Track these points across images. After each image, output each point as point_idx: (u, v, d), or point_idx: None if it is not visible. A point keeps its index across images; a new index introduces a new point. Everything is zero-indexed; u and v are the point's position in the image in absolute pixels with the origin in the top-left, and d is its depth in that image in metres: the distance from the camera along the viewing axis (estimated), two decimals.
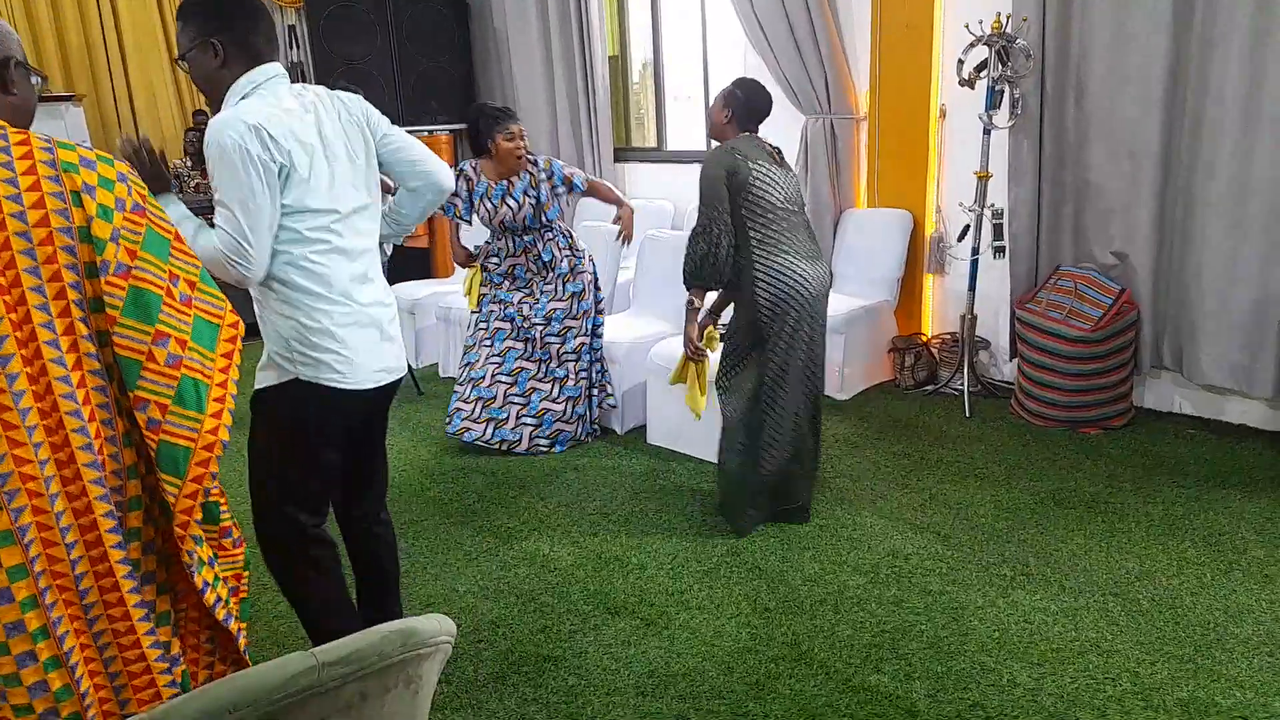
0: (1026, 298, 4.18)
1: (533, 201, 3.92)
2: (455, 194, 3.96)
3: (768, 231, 3.00)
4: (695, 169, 5.76)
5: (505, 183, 3.93)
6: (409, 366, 5.21)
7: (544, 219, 3.97)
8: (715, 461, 3.75)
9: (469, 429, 4.03)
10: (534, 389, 4.05)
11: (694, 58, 5.76)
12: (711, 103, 3.23)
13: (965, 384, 4.32)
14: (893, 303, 4.68)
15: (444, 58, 6.58)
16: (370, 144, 2.15)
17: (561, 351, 4.05)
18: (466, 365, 4.14)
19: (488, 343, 4.09)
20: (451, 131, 6.59)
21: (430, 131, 6.48)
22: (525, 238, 4.01)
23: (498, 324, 4.08)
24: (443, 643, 1.36)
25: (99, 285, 1.45)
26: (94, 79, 8.74)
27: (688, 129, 6.04)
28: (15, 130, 1.47)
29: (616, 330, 4.30)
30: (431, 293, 5.49)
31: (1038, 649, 2.47)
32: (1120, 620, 2.58)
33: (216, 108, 2.00)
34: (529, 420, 4.01)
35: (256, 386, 2.12)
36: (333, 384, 2.06)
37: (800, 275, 3.00)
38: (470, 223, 4.08)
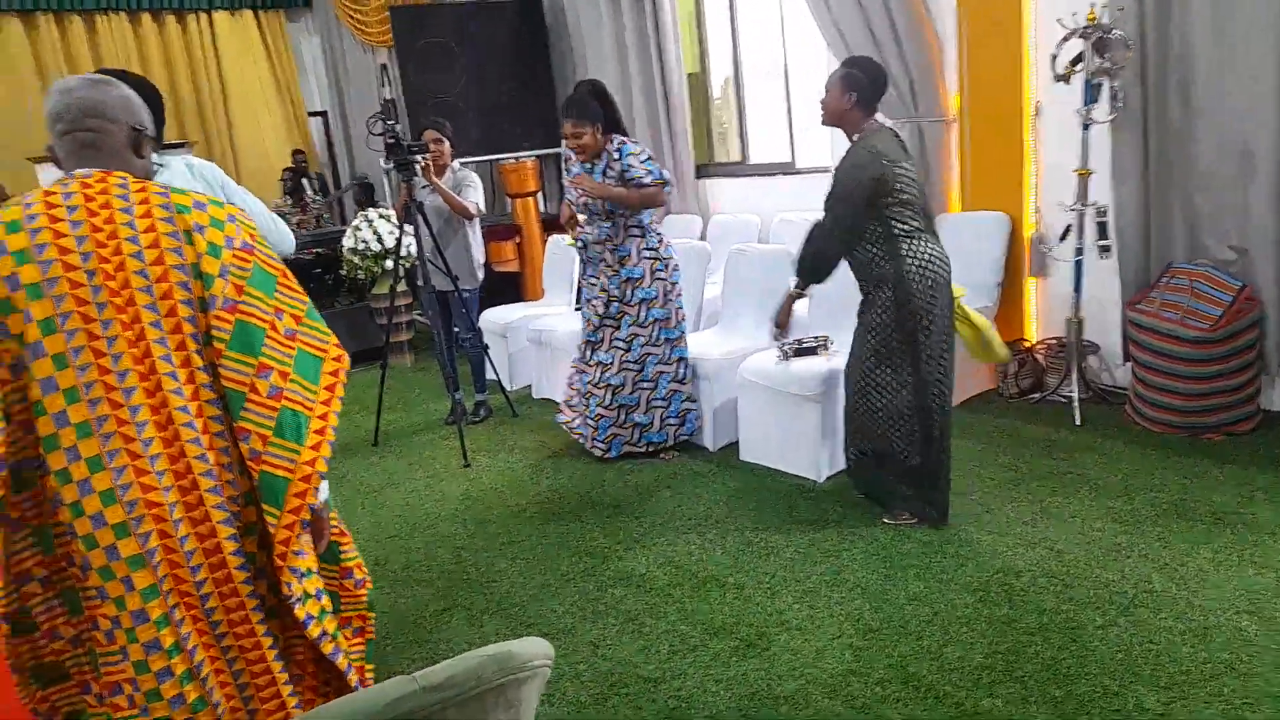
0: (1138, 298, 3.97)
1: (612, 183, 3.86)
2: (565, 173, 4.15)
3: (912, 224, 3.03)
4: (779, 181, 5.75)
5: (589, 164, 3.91)
6: (503, 389, 5.29)
7: (622, 209, 3.88)
8: (812, 478, 3.70)
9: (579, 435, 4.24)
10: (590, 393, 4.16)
11: (774, 70, 5.72)
12: (825, 90, 3.08)
13: (1075, 390, 4.12)
14: (993, 308, 4.51)
15: (526, 86, 6.72)
16: None
17: (614, 337, 4.01)
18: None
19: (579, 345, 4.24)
20: (537, 157, 6.70)
21: (516, 158, 6.61)
22: (605, 224, 3.93)
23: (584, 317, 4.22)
24: (540, 666, 1.35)
25: (209, 319, 1.54)
26: (203, 125, 9.26)
27: (770, 142, 5.99)
28: (135, 180, 1.58)
29: (705, 345, 4.27)
30: (523, 316, 5.57)
31: (1165, 672, 2.32)
32: (1257, 640, 2.40)
33: None
34: (589, 423, 4.14)
35: None
36: None
37: (942, 259, 3.06)
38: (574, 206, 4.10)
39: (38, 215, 1.51)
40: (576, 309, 4.38)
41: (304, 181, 8.29)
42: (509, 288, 6.54)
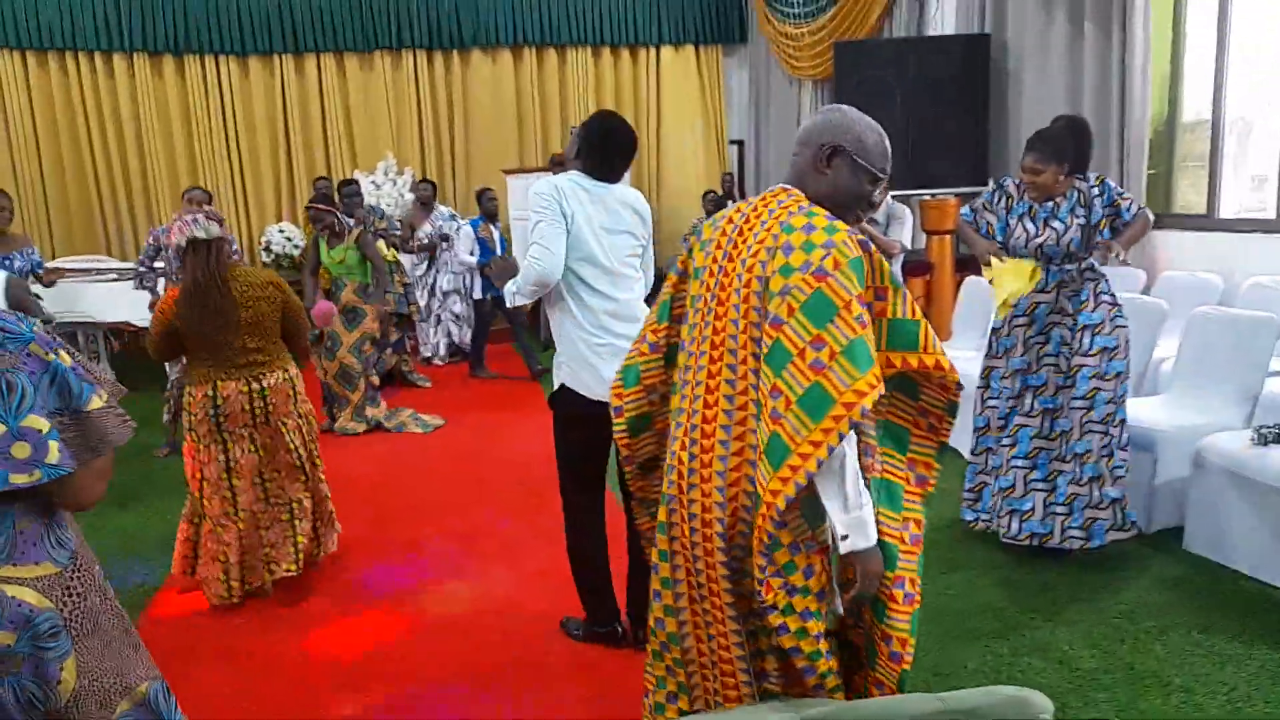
0: None
1: (1080, 223, 3.40)
2: (990, 210, 3.62)
3: None
4: (1253, 240, 4.98)
5: (1051, 202, 3.46)
6: None
7: (1088, 247, 3.43)
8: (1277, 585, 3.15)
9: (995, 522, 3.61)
10: (1057, 470, 3.50)
11: (1261, 117, 4.97)
12: None
13: None
14: None
15: (959, 123, 6.53)
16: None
17: (1086, 420, 3.42)
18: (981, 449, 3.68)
19: (999, 418, 3.60)
20: (958, 195, 6.48)
21: (934, 195, 6.45)
22: (1065, 268, 3.45)
23: (1004, 384, 3.58)
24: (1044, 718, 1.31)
25: (764, 329, 1.67)
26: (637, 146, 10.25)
27: (1243, 195, 5.21)
28: (798, 198, 1.80)
29: (1153, 413, 3.82)
30: None
31: None
32: None
33: None
34: (1059, 509, 3.47)
35: None
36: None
37: None
38: (1005, 247, 3.56)
39: (726, 216, 1.86)
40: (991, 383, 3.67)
41: (728, 204, 8.84)
42: None
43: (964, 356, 5.19)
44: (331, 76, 9.23)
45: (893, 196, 4.96)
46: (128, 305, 6.46)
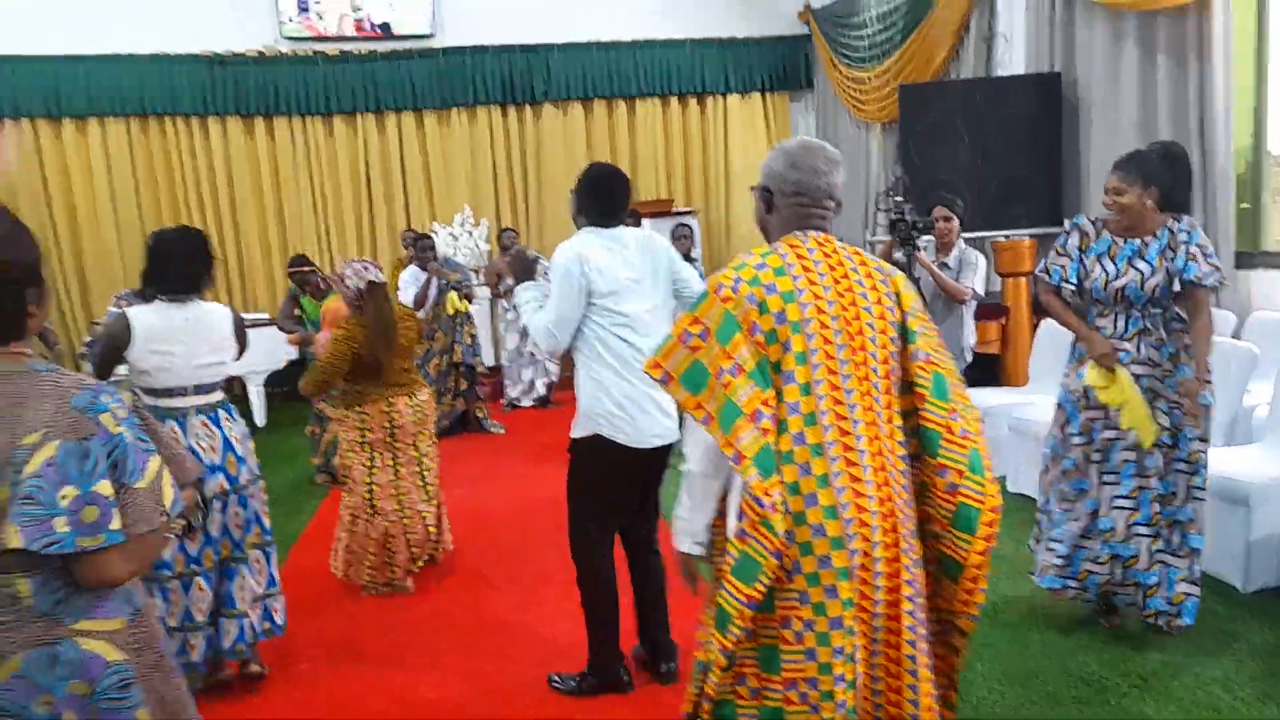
0: None
1: (1169, 267, 3.05)
2: (1063, 253, 3.23)
3: None
4: None
5: (1138, 241, 3.10)
6: None
7: (1172, 292, 3.08)
8: None
9: (1116, 591, 3.21)
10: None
11: None
12: None
13: None
14: None
15: (1031, 164, 6.41)
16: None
17: (1191, 485, 3.10)
18: (1070, 495, 3.23)
19: (1110, 474, 3.15)
20: (1033, 236, 6.33)
21: (1007, 236, 6.32)
22: (1150, 313, 3.10)
23: (1112, 436, 3.11)
24: None
25: (912, 369, 1.82)
26: (705, 194, 10.35)
27: None
28: (844, 245, 1.90)
29: (1247, 465, 3.63)
30: (1003, 402, 5.27)
31: None
32: None
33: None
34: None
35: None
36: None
37: None
38: (1070, 288, 3.21)
39: (793, 264, 1.80)
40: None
41: None
42: (987, 371, 6.23)
43: (1043, 403, 5.03)
44: (411, 133, 9.59)
45: (965, 240, 4.88)
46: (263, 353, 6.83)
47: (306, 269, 6.06)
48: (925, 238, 4.74)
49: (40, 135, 8.78)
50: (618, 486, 2.92)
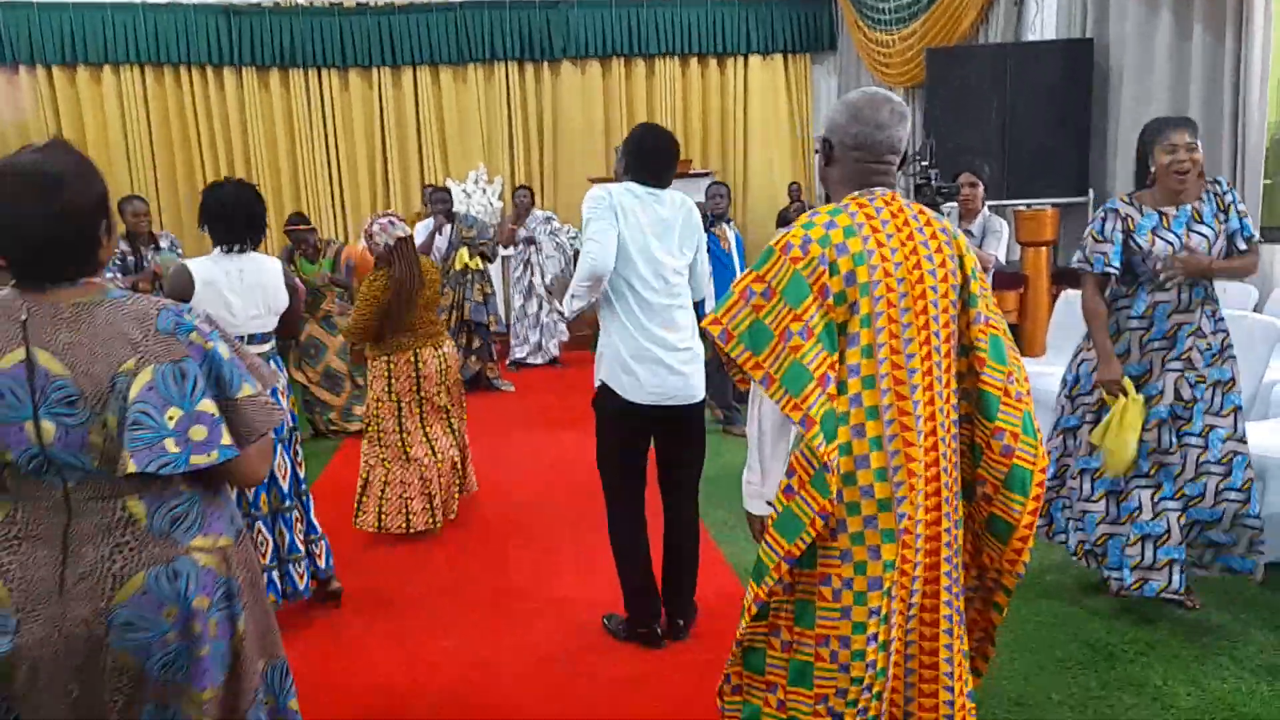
0: None
1: (1225, 228, 2.97)
2: (1102, 239, 3.05)
3: None
4: None
5: (1188, 207, 2.98)
6: None
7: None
8: None
9: (1148, 579, 3.02)
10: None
11: None
12: None
13: None
14: None
15: (1058, 132, 6.30)
16: None
17: (1201, 461, 3.01)
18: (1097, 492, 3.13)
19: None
20: (1055, 205, 6.25)
21: (1029, 205, 6.23)
22: (1197, 287, 2.99)
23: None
24: None
25: (972, 333, 1.80)
26: (722, 154, 10.24)
27: None
28: (911, 203, 1.84)
29: (1264, 439, 3.60)
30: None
31: None
32: None
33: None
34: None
35: None
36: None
37: None
38: (1114, 273, 3.05)
39: (862, 225, 1.75)
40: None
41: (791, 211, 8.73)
42: None
43: (1059, 373, 5.00)
44: (427, 88, 9.51)
45: (989, 208, 4.82)
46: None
47: (304, 228, 5.91)
48: (949, 204, 4.68)
49: (56, 82, 8.75)
50: (624, 438, 2.96)
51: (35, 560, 1.43)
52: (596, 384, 2.97)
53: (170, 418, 1.43)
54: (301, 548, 3.30)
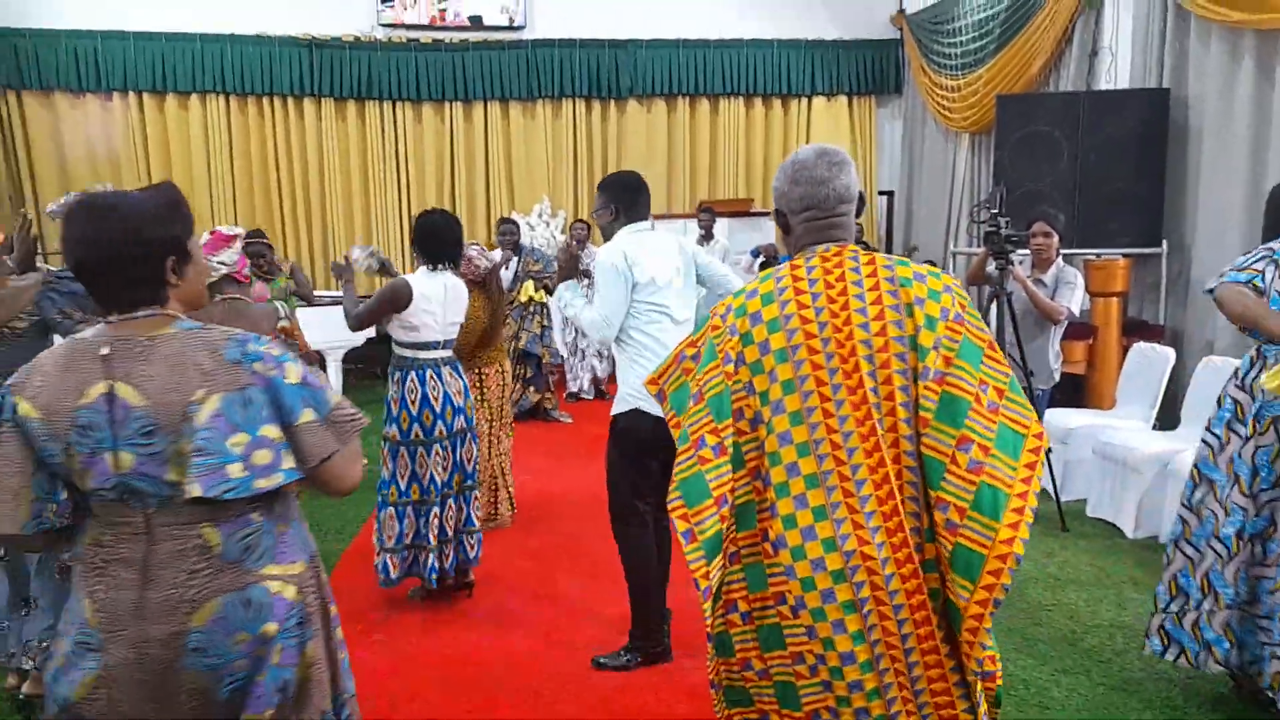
0: None
1: None
2: (1258, 269, 2.68)
3: None
4: None
5: None
6: (1055, 498, 4.90)
7: None
8: None
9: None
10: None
11: None
12: None
13: None
14: None
15: (1132, 182, 6.21)
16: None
17: None
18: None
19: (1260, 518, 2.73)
20: (1127, 255, 6.16)
21: (1099, 254, 6.15)
22: None
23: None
24: None
25: (916, 389, 1.63)
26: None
27: None
28: (865, 253, 1.75)
29: None
30: (1088, 424, 5.15)
31: None
32: None
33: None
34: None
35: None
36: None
37: None
38: (1261, 289, 2.65)
39: (786, 289, 1.73)
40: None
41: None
42: (1070, 391, 6.08)
43: (1130, 428, 4.91)
44: (496, 122, 9.74)
45: (1063, 257, 4.77)
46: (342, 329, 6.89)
47: (261, 240, 5.48)
48: (1021, 252, 4.64)
49: (145, 108, 9.15)
50: (647, 460, 3.05)
51: (120, 583, 1.50)
52: (615, 413, 3.08)
53: (235, 444, 1.49)
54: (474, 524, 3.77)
